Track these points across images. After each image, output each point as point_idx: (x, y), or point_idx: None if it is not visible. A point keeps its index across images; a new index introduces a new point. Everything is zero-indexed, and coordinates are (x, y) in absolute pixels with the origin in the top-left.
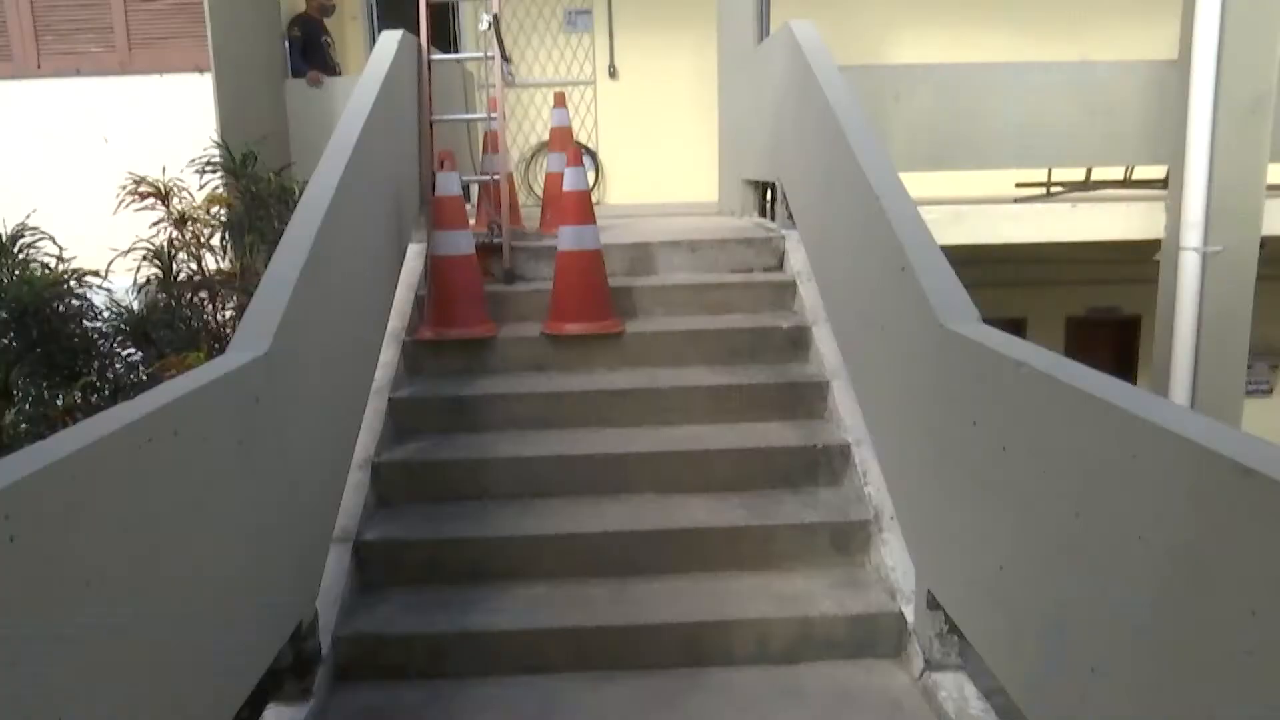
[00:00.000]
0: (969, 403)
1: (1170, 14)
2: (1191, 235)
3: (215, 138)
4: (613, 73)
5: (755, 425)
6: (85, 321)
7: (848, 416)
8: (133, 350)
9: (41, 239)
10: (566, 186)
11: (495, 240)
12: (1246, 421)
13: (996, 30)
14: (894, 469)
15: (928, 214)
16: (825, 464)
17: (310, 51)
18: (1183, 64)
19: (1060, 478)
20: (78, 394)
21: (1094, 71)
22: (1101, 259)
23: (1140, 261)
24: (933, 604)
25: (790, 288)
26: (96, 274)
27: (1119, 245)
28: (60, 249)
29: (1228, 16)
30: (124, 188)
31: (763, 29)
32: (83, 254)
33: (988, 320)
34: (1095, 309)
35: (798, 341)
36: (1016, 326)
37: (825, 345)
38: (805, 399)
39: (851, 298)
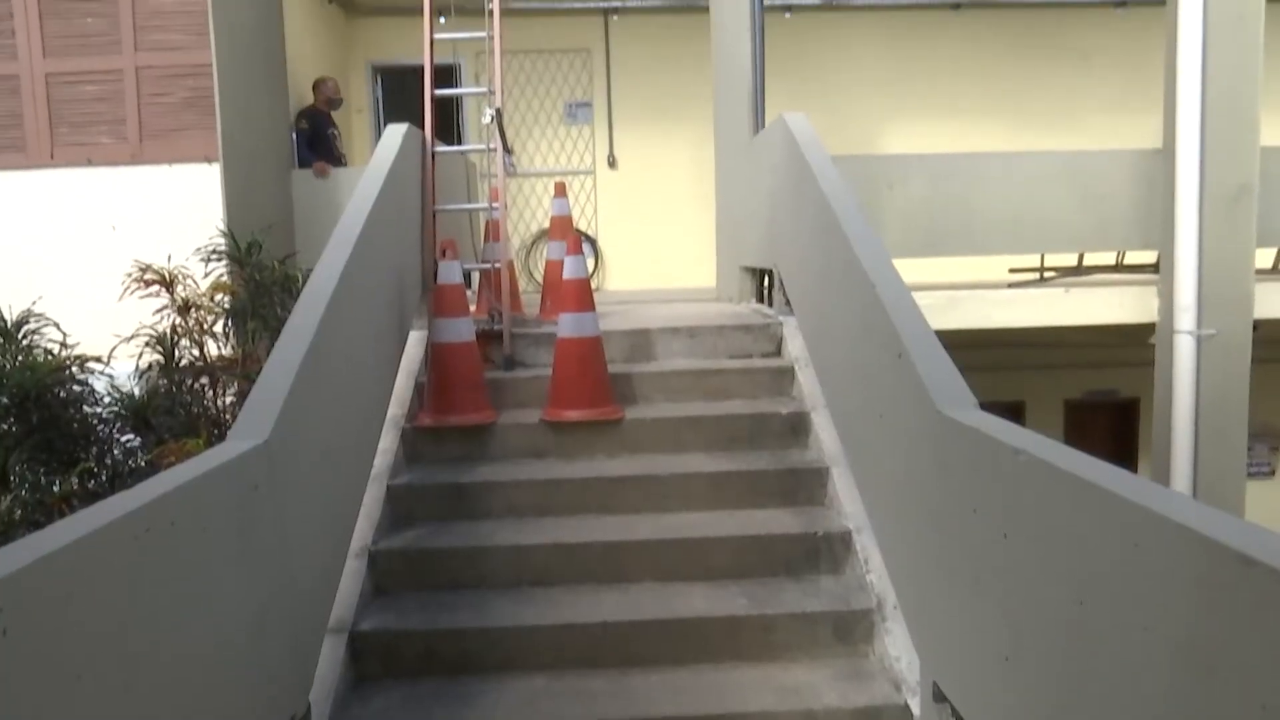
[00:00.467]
0: (969, 490)
1: (1153, 105)
2: (1185, 319)
3: (222, 226)
4: (612, 162)
5: (755, 512)
6: (86, 407)
7: (848, 503)
8: (132, 436)
9: (46, 325)
10: (566, 274)
11: (496, 327)
12: (1249, 504)
13: (986, 121)
14: (896, 556)
15: (923, 299)
16: (826, 551)
17: (317, 143)
18: (1168, 153)
19: (1063, 567)
20: (74, 480)
21: (1082, 160)
22: (1098, 343)
23: (1136, 345)
24: (939, 696)
25: (789, 374)
26: (99, 360)
27: (1114, 329)
28: (64, 335)
29: (1208, 109)
30: (130, 275)
31: (758, 121)
32: (87, 340)
33: (986, 405)
34: (1093, 392)
35: (797, 427)
36: (1015, 411)
37: (824, 431)
38: (805, 485)
39: (850, 384)
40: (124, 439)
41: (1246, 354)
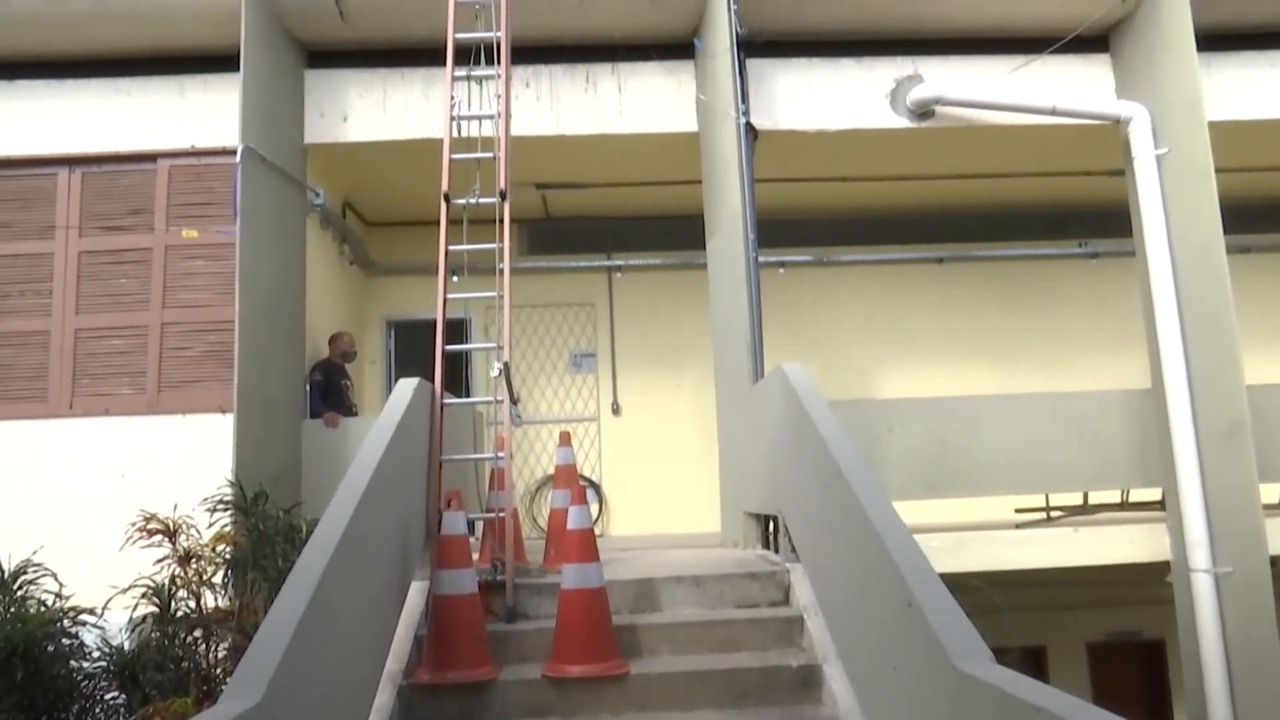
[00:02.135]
0: None
1: (1131, 345)
2: (1199, 556)
3: (230, 476)
4: (616, 409)
5: None
6: (73, 661)
7: None
8: (117, 693)
9: (44, 575)
10: (570, 524)
11: (499, 577)
12: None
13: (976, 364)
14: None
15: (930, 541)
16: None
17: (330, 394)
18: (1157, 392)
19: None
20: None
21: (1075, 401)
22: (1115, 581)
23: (1154, 583)
24: None
25: (798, 623)
26: (92, 612)
27: (1129, 566)
28: (60, 586)
29: (1190, 350)
30: (134, 524)
31: (757, 370)
32: (86, 589)
33: (1006, 650)
34: (1116, 633)
35: (808, 680)
36: (1036, 656)
37: (837, 684)
38: None
39: (861, 634)
40: (109, 696)
41: (1268, 591)
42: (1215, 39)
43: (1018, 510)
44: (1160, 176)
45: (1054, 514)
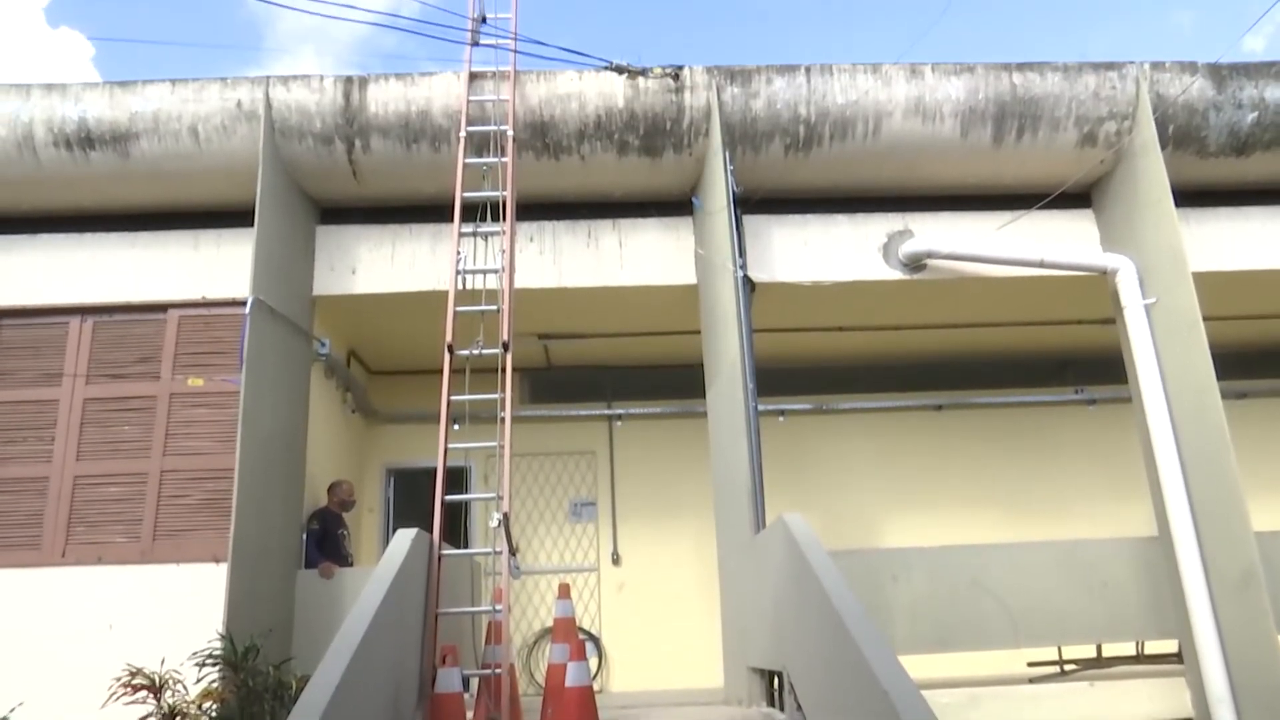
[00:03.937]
0: None
1: (1133, 492)
2: (1223, 714)
3: (221, 629)
4: (616, 559)
5: None
6: None
7: None
8: None
9: None
10: (569, 682)
11: None
12: None
13: (978, 510)
14: None
15: (941, 698)
16: None
17: (326, 544)
18: (1164, 540)
19: None
20: None
21: (1082, 549)
22: None
23: None
24: None
25: None
26: None
27: None
28: None
29: (1194, 495)
30: (118, 679)
31: (758, 520)
32: None
33: None
34: None
35: None
36: None
37: None
38: None
39: None
40: None
41: None
42: (1195, 195)
43: (1030, 664)
44: (1150, 325)
45: (1068, 667)
